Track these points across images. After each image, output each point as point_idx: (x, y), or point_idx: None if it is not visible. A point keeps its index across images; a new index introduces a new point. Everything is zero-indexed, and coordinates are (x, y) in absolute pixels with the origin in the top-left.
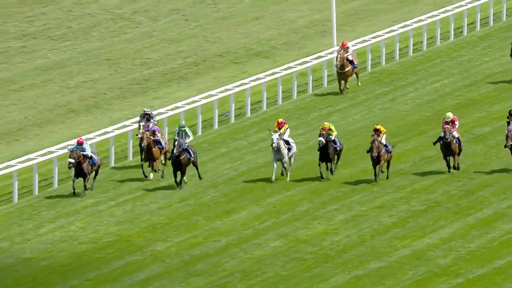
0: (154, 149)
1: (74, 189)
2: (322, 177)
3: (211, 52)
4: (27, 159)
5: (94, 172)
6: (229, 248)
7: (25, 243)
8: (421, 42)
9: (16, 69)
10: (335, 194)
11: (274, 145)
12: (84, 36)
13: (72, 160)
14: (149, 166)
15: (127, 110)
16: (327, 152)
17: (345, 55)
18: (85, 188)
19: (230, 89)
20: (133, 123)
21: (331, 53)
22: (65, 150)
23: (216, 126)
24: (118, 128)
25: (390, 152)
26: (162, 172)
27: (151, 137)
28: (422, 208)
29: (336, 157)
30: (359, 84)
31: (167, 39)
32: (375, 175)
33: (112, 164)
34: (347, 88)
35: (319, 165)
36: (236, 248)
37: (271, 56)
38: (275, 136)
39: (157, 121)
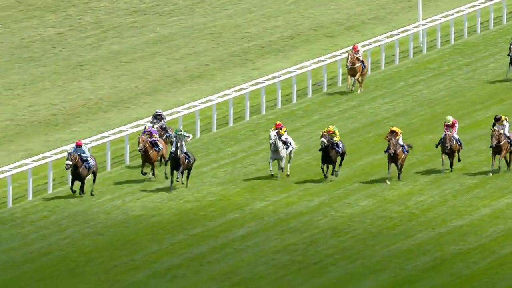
0: (151, 152)
1: (72, 190)
2: (326, 177)
3: (306, 26)
4: (137, 124)
5: (92, 175)
6: (321, 207)
7: (135, 202)
8: (501, 16)
9: (127, 43)
10: (420, 157)
11: (271, 141)
12: (190, 12)
13: (70, 162)
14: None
15: (228, 80)
16: (329, 155)
17: (356, 56)
18: (82, 192)
19: (322, 61)
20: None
21: (416, 27)
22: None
23: (310, 95)
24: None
25: (407, 152)
26: (165, 173)
27: (148, 139)
28: (502, 171)
29: (340, 159)
30: (360, 90)
31: (265, 15)
32: (389, 172)
33: (198, 135)
34: (360, 88)
35: (322, 168)
36: (328, 207)
37: (360, 30)
38: (273, 133)
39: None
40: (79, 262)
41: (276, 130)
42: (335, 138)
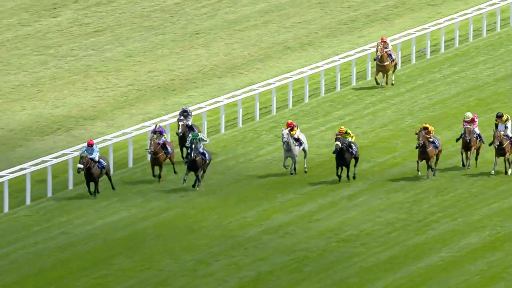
0: (160, 154)
1: (89, 191)
2: (339, 177)
3: None
4: (250, 89)
5: (106, 176)
6: (425, 168)
7: (248, 163)
8: None
9: (241, 12)
10: None
11: (284, 139)
12: None
13: (82, 166)
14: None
15: (336, 47)
16: (344, 157)
17: (385, 50)
18: (97, 191)
19: (426, 28)
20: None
21: None
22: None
23: (413, 61)
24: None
25: (438, 148)
26: (175, 172)
27: (159, 143)
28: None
29: (354, 161)
30: (393, 83)
31: None
32: (418, 169)
33: (307, 100)
34: (385, 84)
35: (337, 168)
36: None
37: None
38: (285, 132)
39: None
40: (196, 219)
41: (289, 129)
42: (348, 138)
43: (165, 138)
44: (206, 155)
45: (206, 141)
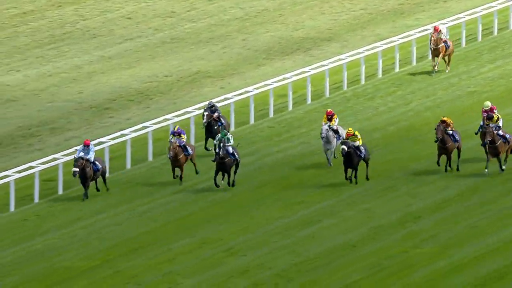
0: (180, 156)
1: (85, 193)
2: (347, 179)
3: None
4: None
5: (101, 177)
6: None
7: (470, 80)
8: None
9: None
10: None
11: (323, 135)
12: None
13: (77, 169)
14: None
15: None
16: (352, 161)
17: (438, 37)
18: (86, 196)
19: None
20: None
21: None
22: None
23: (479, 38)
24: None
25: (457, 142)
26: (196, 172)
27: (179, 144)
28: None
29: (364, 164)
30: (447, 70)
31: None
32: (438, 163)
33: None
34: (435, 69)
35: (345, 172)
36: None
37: None
38: (325, 127)
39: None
40: (422, 131)
41: (328, 124)
42: (356, 142)
43: (184, 139)
44: (236, 155)
45: (231, 142)
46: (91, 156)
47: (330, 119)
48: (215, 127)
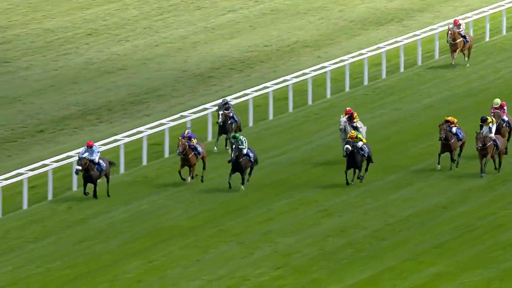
0: (190, 156)
1: (85, 192)
2: (347, 183)
3: None
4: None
5: (105, 178)
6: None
7: None
8: None
9: None
10: None
11: (341, 127)
12: None
13: (80, 167)
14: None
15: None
16: (355, 160)
17: (457, 31)
18: (95, 196)
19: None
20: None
21: None
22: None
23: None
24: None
25: (461, 140)
26: (202, 177)
27: (187, 143)
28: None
29: (365, 163)
30: (467, 63)
31: None
32: (438, 163)
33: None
34: (453, 63)
35: (345, 172)
36: None
37: None
38: (343, 119)
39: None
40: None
41: (347, 116)
42: (359, 143)
43: (193, 143)
44: (251, 156)
45: (245, 145)
46: (96, 157)
47: (349, 118)
48: (228, 124)
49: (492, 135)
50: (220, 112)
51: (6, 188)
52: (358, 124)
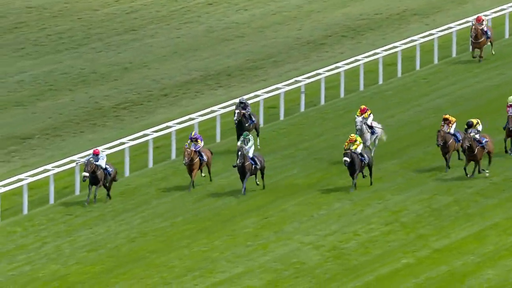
0: (195, 161)
1: (88, 196)
2: (351, 189)
3: None
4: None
5: (109, 183)
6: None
7: None
8: None
9: None
10: None
11: (357, 126)
12: None
13: (87, 174)
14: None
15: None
16: (354, 166)
17: (480, 27)
18: (94, 198)
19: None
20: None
21: None
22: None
23: None
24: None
25: (459, 141)
26: (210, 176)
27: (194, 150)
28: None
29: (368, 169)
30: (493, 52)
31: None
32: (447, 165)
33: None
34: (481, 58)
35: (352, 177)
36: None
37: None
38: (359, 119)
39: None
40: None
41: (362, 116)
42: (358, 148)
43: (200, 145)
44: (256, 160)
45: (251, 142)
46: (102, 163)
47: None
48: (246, 124)
49: (478, 136)
50: (237, 111)
51: (134, 148)
52: (374, 123)
